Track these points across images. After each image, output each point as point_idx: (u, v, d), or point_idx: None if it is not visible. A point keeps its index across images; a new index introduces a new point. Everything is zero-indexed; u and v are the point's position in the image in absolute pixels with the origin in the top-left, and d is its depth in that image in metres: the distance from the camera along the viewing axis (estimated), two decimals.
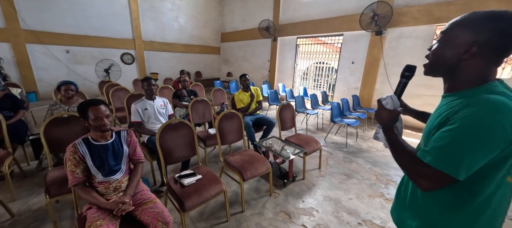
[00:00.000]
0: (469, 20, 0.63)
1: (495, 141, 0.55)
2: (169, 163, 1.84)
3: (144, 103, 2.37)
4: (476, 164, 0.57)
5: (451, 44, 0.66)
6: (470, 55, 0.62)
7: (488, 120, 0.55)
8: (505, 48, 0.60)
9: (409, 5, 4.45)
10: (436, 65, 0.72)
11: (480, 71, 0.64)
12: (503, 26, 0.58)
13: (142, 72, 7.82)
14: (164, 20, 8.13)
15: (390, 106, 0.79)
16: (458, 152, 0.57)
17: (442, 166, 0.59)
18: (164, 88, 4.31)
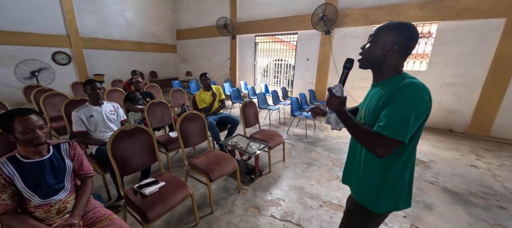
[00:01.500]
0: (391, 27, 0.86)
1: (424, 109, 0.77)
2: (126, 173, 1.67)
3: (88, 110, 2.08)
4: (415, 128, 0.79)
5: (380, 44, 0.87)
6: (392, 52, 0.85)
7: (418, 96, 0.77)
8: (411, 48, 0.86)
9: (351, 8, 5.04)
10: (369, 60, 0.92)
11: (397, 64, 0.88)
12: (410, 32, 0.83)
13: (83, 73, 6.77)
14: (107, 14, 7.19)
15: (339, 94, 0.91)
16: (405, 121, 0.76)
17: (394, 134, 0.77)
18: (113, 91, 3.84)
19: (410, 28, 0.83)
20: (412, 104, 0.76)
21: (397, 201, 0.92)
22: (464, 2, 3.85)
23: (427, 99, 0.77)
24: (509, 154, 3.39)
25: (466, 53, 4.03)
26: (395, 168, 0.88)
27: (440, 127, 4.51)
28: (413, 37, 0.83)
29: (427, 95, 0.77)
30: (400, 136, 0.76)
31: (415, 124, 0.78)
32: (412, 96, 0.77)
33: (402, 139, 0.76)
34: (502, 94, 3.84)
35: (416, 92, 0.77)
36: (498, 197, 2.29)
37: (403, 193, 0.92)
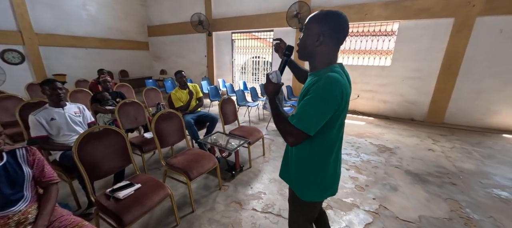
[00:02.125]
0: (317, 16, 0.85)
1: (331, 104, 0.79)
2: (96, 178, 1.57)
3: (48, 112, 1.89)
4: (321, 122, 0.81)
5: (309, 34, 0.87)
6: (320, 43, 0.85)
7: (328, 91, 0.78)
8: (339, 37, 0.85)
9: (322, 6, 5.26)
10: (303, 50, 0.93)
11: (327, 55, 0.87)
12: (334, 21, 0.82)
13: (40, 74, 6.08)
14: (67, 8, 6.52)
15: (275, 80, 0.91)
16: (311, 115, 0.79)
17: (301, 125, 0.80)
18: (77, 92, 3.52)
19: (333, 17, 0.82)
20: (320, 99, 0.78)
21: (324, 190, 0.97)
22: (420, 3, 4.27)
23: (336, 94, 0.77)
24: (459, 137, 3.88)
25: (423, 49, 4.49)
26: (320, 160, 0.92)
27: (404, 116, 4.97)
28: (337, 27, 0.82)
29: (338, 90, 0.78)
30: (305, 128, 0.80)
31: (321, 118, 0.79)
32: (322, 91, 0.78)
33: (306, 131, 0.80)
34: (452, 86, 4.37)
35: (327, 87, 0.77)
36: (450, 175, 2.62)
37: (328, 183, 0.97)
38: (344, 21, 0.83)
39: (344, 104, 0.82)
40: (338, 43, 0.86)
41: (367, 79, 5.17)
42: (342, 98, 0.79)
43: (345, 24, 0.83)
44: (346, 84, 0.83)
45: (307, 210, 1.05)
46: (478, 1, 3.86)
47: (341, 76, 0.82)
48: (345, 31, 0.84)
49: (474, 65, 4.15)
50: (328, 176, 0.95)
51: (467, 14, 3.98)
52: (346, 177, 2.51)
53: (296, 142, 0.85)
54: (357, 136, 3.83)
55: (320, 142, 0.89)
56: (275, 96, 0.93)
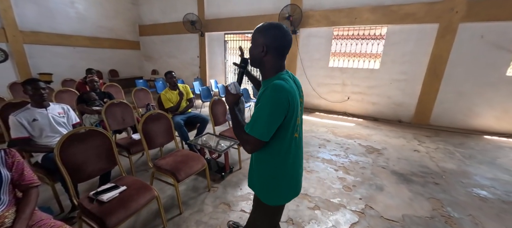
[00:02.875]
0: (259, 28, 0.90)
1: (280, 110, 0.84)
2: (80, 181, 1.54)
3: (30, 113, 1.83)
4: (273, 128, 0.86)
5: (255, 45, 0.92)
6: (264, 53, 0.90)
7: (275, 98, 0.83)
8: (282, 47, 0.89)
9: (313, 9, 5.35)
10: (252, 60, 0.98)
11: (273, 64, 0.92)
12: (274, 32, 0.87)
13: (24, 72, 5.87)
14: (53, 5, 6.32)
15: (233, 91, 0.98)
16: (263, 122, 0.85)
17: (254, 133, 0.86)
18: (63, 92, 3.42)
19: (274, 28, 0.87)
20: (269, 106, 0.83)
21: (286, 192, 1.02)
22: (406, 9, 4.42)
23: (283, 100, 0.82)
24: (443, 138, 4.02)
25: (409, 53, 4.64)
26: (278, 165, 0.96)
27: (391, 118, 5.11)
28: (278, 38, 0.87)
29: (284, 96, 0.82)
30: (259, 135, 0.85)
31: (272, 124, 0.85)
32: (270, 98, 0.83)
33: (261, 138, 0.85)
34: (437, 88, 4.53)
35: (273, 94, 0.82)
36: (433, 175, 2.72)
37: (288, 185, 1.01)
38: (284, 32, 0.87)
39: (293, 108, 0.87)
40: (281, 52, 0.91)
41: (357, 81, 5.29)
42: (289, 103, 0.84)
43: (285, 35, 0.88)
44: (292, 89, 0.87)
45: (270, 214, 1.08)
46: (460, 8, 4.04)
47: (287, 82, 0.87)
48: (286, 41, 0.89)
49: (457, 69, 4.32)
50: (288, 178, 1.00)
51: (450, 20, 4.15)
52: (334, 178, 2.56)
53: (253, 149, 0.90)
54: (346, 138, 3.90)
55: (276, 146, 0.93)
56: (235, 106, 1.00)
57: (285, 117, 0.86)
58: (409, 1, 4.40)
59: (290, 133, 0.92)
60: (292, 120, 0.89)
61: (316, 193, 2.25)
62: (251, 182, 1.11)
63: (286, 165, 0.97)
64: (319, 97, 5.82)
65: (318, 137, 3.88)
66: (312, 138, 3.84)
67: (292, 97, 0.85)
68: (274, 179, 0.98)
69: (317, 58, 5.62)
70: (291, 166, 0.99)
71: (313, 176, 2.59)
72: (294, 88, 0.90)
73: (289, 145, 0.94)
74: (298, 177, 1.05)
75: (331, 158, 3.07)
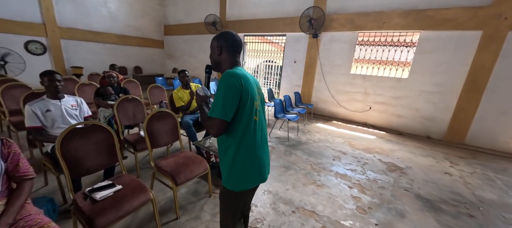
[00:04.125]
0: (214, 37, 1.12)
1: (234, 91, 0.97)
2: (79, 175, 1.53)
3: (45, 103, 1.89)
4: (232, 107, 0.97)
5: (212, 49, 1.13)
6: (219, 52, 1.10)
7: (226, 81, 0.97)
8: (233, 47, 1.10)
9: (338, 13, 5.07)
10: (213, 63, 1.16)
11: (229, 61, 1.11)
12: (225, 35, 1.09)
13: (60, 65, 6.40)
14: (88, 5, 6.84)
15: (202, 93, 1.14)
16: (221, 103, 0.96)
17: (215, 114, 0.98)
18: (85, 86, 3.61)
19: (223, 33, 1.10)
20: (223, 89, 0.96)
21: (247, 177, 1.08)
22: (444, 13, 3.96)
23: (235, 82, 0.96)
24: (481, 162, 3.50)
25: (445, 62, 4.15)
26: (238, 147, 1.04)
27: (418, 133, 4.62)
28: (228, 38, 1.08)
29: (235, 79, 0.97)
30: (221, 115, 0.96)
31: (230, 104, 0.96)
32: (223, 82, 0.97)
33: (223, 118, 0.97)
34: (477, 104, 3.99)
35: (226, 79, 0.97)
36: (467, 204, 2.33)
37: (250, 169, 1.07)
38: (232, 34, 1.10)
39: (248, 91, 1.01)
40: (234, 50, 1.10)
41: (381, 90, 4.88)
42: (241, 84, 0.98)
43: (234, 36, 1.10)
44: (245, 75, 1.03)
45: (233, 200, 1.13)
46: (510, 13, 3.51)
47: (241, 70, 1.05)
48: (236, 41, 1.10)
49: (503, 83, 3.76)
50: (248, 161, 1.06)
51: (497, 27, 3.62)
52: (348, 196, 2.31)
53: (217, 131, 1.00)
54: (365, 151, 3.58)
55: (234, 128, 1.03)
56: (203, 104, 1.14)
57: (241, 99, 0.99)
58: (448, 5, 3.94)
59: (247, 115, 1.02)
60: (247, 102, 1.01)
61: (325, 212, 2.04)
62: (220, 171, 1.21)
63: (246, 147, 1.05)
64: (337, 105, 5.49)
65: (333, 148, 3.61)
66: (326, 148, 3.58)
67: (245, 81, 1.00)
68: (233, 161, 1.05)
69: (338, 64, 5.31)
70: (251, 148, 1.06)
71: (323, 191, 2.36)
72: (246, 73, 1.05)
73: (246, 127, 1.03)
74: (261, 162, 1.11)
75: (345, 173, 2.81)
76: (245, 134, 1.03)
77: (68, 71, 6.58)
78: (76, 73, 6.39)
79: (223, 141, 1.08)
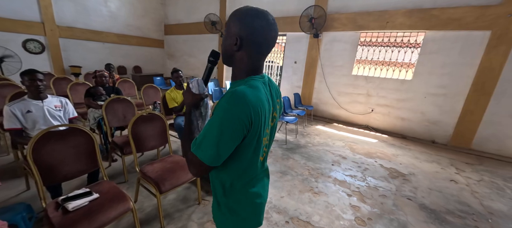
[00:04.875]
0: (236, 13, 0.67)
1: (236, 129, 0.60)
2: (53, 181, 1.42)
3: (26, 104, 1.80)
4: (226, 151, 0.63)
5: (229, 34, 0.69)
6: (237, 47, 0.67)
7: (230, 112, 0.59)
8: (260, 44, 0.67)
9: (339, 12, 4.93)
10: (224, 54, 0.74)
11: (246, 63, 0.69)
12: (257, 23, 0.64)
13: (58, 64, 6.36)
14: (89, 4, 6.79)
15: (195, 90, 0.75)
16: (211, 141, 0.61)
17: (200, 154, 0.63)
18: (79, 85, 3.53)
19: (255, 17, 0.64)
20: (221, 122, 0.60)
21: (243, 222, 0.79)
22: (450, 13, 3.80)
23: (241, 115, 0.60)
24: (489, 168, 3.33)
25: (451, 64, 3.98)
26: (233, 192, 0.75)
27: (423, 137, 4.45)
28: (259, 30, 0.65)
29: (243, 111, 0.60)
30: (207, 160, 0.63)
31: (225, 146, 0.62)
32: (224, 111, 0.60)
33: (209, 163, 0.63)
34: (485, 107, 3.81)
35: (228, 107, 0.60)
36: (475, 216, 2.18)
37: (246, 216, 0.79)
38: (270, 24, 0.66)
39: (257, 127, 0.65)
40: (260, 50, 0.68)
41: (384, 92, 4.72)
42: (250, 120, 0.61)
43: (270, 29, 0.66)
44: (260, 101, 0.64)
45: None
46: None
47: (255, 91, 0.64)
48: (269, 37, 0.67)
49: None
50: (246, 207, 0.78)
51: (507, 27, 3.45)
52: (346, 206, 2.17)
53: (197, 173, 0.69)
54: (366, 156, 3.43)
55: (231, 170, 0.72)
56: (192, 109, 0.77)
57: (245, 138, 0.64)
58: (455, 4, 3.77)
59: (250, 155, 0.71)
60: (253, 142, 0.68)
61: (321, 222, 1.90)
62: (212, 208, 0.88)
63: (245, 193, 0.76)
64: (338, 107, 5.34)
65: (333, 152, 3.47)
66: (326, 152, 3.44)
67: (257, 113, 0.63)
68: (228, 207, 0.77)
69: (339, 65, 5.16)
70: (251, 194, 0.78)
71: (320, 199, 2.23)
72: (263, 100, 0.66)
73: (246, 167, 0.73)
74: (258, 208, 0.82)
75: (345, 179, 2.67)
76: (243, 176, 0.74)
77: (67, 70, 6.54)
78: (75, 72, 6.35)
79: (215, 179, 0.78)
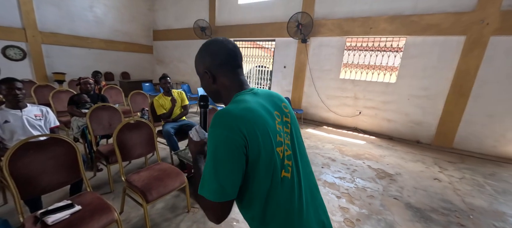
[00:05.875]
0: (197, 56, 0.73)
1: (232, 151, 0.55)
2: (31, 195, 1.36)
3: (3, 114, 1.72)
4: (230, 178, 0.56)
5: (200, 76, 0.74)
6: (212, 80, 0.70)
7: (215, 135, 0.56)
8: (225, 61, 0.69)
9: (326, 18, 5.08)
10: (210, 94, 0.77)
11: (229, 86, 0.71)
12: (212, 48, 0.70)
13: (40, 71, 6.12)
14: (73, 9, 6.62)
15: (196, 138, 0.75)
16: (210, 174, 0.56)
17: (205, 192, 0.57)
18: (61, 92, 3.41)
19: (206, 46, 0.71)
20: (212, 150, 0.56)
21: None
22: (428, 19, 4.01)
23: (229, 135, 0.55)
24: (470, 166, 3.49)
25: (431, 67, 4.18)
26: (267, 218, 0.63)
27: (408, 138, 4.61)
28: (215, 53, 0.69)
29: (228, 128, 0.55)
30: (212, 195, 0.56)
31: (226, 173, 0.55)
32: (212, 138, 0.57)
33: (215, 199, 0.56)
34: (463, 108, 4.01)
35: (214, 131, 0.56)
36: (458, 213, 2.27)
37: None
38: (221, 42, 0.70)
39: (258, 139, 0.57)
40: (229, 66, 0.70)
41: (370, 95, 4.87)
42: (242, 134, 0.55)
43: (223, 45, 0.69)
44: (249, 112, 0.59)
45: None
46: (492, 19, 3.57)
47: (243, 103, 0.61)
48: (229, 50, 0.69)
49: (488, 87, 3.80)
50: None
51: (480, 32, 3.68)
52: (336, 207, 2.20)
53: (218, 217, 0.59)
54: (354, 157, 3.50)
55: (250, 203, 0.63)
56: (198, 156, 0.73)
57: (248, 158, 0.57)
58: (432, 11, 3.99)
59: (264, 173, 0.59)
60: (262, 155, 0.58)
61: None
62: None
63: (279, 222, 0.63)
64: (328, 110, 5.45)
65: (322, 155, 3.52)
66: (316, 155, 3.48)
67: (249, 124, 0.57)
68: None
69: (327, 69, 5.29)
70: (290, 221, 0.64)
71: None
72: (255, 109, 0.61)
73: (270, 194, 0.61)
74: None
75: (334, 182, 2.71)
76: (270, 204, 0.62)
77: (50, 77, 6.30)
78: (58, 79, 6.13)
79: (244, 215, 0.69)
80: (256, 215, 0.63)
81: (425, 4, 4.04)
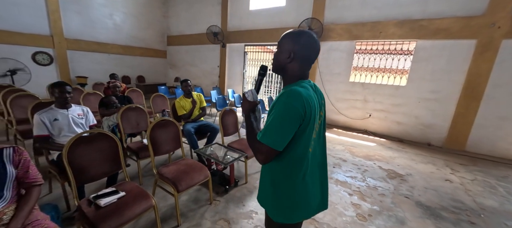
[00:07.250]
0: (289, 35, 0.89)
1: (294, 118, 0.79)
2: (83, 182, 1.58)
3: (53, 113, 1.97)
4: (287, 136, 0.81)
5: (281, 50, 0.91)
6: (290, 59, 0.88)
7: (288, 104, 0.79)
8: (309, 56, 0.88)
9: (335, 23, 5.22)
10: (276, 65, 0.95)
11: (297, 71, 0.90)
12: (303, 40, 0.86)
13: (65, 75, 6.55)
14: (94, 17, 7.07)
15: (250, 98, 0.96)
16: (276, 130, 0.80)
17: (266, 140, 0.81)
18: (90, 95, 3.70)
19: (303, 36, 0.86)
20: (282, 113, 0.79)
21: (294, 210, 0.91)
22: (437, 23, 4.07)
23: (297, 106, 0.78)
24: (482, 168, 3.50)
25: (441, 70, 4.23)
26: (288, 178, 0.89)
27: (419, 140, 4.63)
28: (307, 46, 0.86)
29: (299, 103, 0.78)
30: (271, 143, 0.80)
31: (286, 132, 0.80)
32: (283, 105, 0.79)
33: (275, 147, 0.81)
34: (475, 111, 4.02)
35: (287, 101, 0.79)
36: (468, 212, 2.33)
37: (298, 203, 0.91)
38: (314, 41, 0.87)
39: (310, 117, 0.82)
40: (308, 61, 0.89)
41: (380, 98, 4.94)
42: (305, 111, 0.80)
43: (315, 44, 0.87)
44: (311, 98, 0.83)
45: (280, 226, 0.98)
46: (503, 22, 3.60)
47: (307, 90, 0.84)
48: (315, 50, 0.88)
49: (501, 90, 3.80)
50: (297, 195, 0.90)
51: (491, 35, 3.71)
52: (348, 204, 2.32)
53: (265, 159, 0.85)
54: (365, 158, 3.59)
55: (287, 158, 0.87)
56: (251, 113, 0.97)
57: (300, 126, 0.81)
58: (441, 15, 4.06)
59: (303, 146, 0.86)
60: (306, 131, 0.84)
61: (325, 219, 2.05)
62: (261, 196, 1.03)
63: (296, 179, 0.89)
64: (338, 112, 5.54)
65: (333, 156, 3.63)
66: (327, 156, 3.57)
67: (310, 106, 0.81)
68: (282, 193, 0.91)
69: (337, 72, 5.40)
70: (302, 182, 0.90)
71: None
72: (312, 97, 0.85)
73: (301, 158, 0.87)
74: (309, 197, 0.93)
75: (346, 180, 2.82)
76: (297, 164, 0.87)
77: (73, 80, 6.73)
78: (81, 82, 6.54)
79: (268, 169, 0.93)
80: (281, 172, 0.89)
81: (434, 8, 4.11)
